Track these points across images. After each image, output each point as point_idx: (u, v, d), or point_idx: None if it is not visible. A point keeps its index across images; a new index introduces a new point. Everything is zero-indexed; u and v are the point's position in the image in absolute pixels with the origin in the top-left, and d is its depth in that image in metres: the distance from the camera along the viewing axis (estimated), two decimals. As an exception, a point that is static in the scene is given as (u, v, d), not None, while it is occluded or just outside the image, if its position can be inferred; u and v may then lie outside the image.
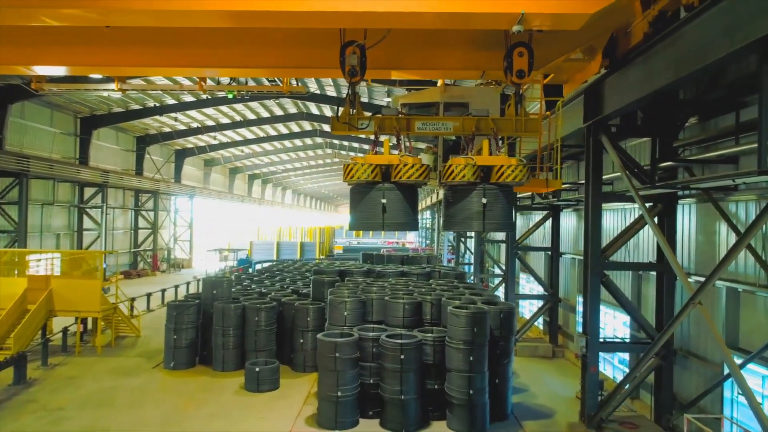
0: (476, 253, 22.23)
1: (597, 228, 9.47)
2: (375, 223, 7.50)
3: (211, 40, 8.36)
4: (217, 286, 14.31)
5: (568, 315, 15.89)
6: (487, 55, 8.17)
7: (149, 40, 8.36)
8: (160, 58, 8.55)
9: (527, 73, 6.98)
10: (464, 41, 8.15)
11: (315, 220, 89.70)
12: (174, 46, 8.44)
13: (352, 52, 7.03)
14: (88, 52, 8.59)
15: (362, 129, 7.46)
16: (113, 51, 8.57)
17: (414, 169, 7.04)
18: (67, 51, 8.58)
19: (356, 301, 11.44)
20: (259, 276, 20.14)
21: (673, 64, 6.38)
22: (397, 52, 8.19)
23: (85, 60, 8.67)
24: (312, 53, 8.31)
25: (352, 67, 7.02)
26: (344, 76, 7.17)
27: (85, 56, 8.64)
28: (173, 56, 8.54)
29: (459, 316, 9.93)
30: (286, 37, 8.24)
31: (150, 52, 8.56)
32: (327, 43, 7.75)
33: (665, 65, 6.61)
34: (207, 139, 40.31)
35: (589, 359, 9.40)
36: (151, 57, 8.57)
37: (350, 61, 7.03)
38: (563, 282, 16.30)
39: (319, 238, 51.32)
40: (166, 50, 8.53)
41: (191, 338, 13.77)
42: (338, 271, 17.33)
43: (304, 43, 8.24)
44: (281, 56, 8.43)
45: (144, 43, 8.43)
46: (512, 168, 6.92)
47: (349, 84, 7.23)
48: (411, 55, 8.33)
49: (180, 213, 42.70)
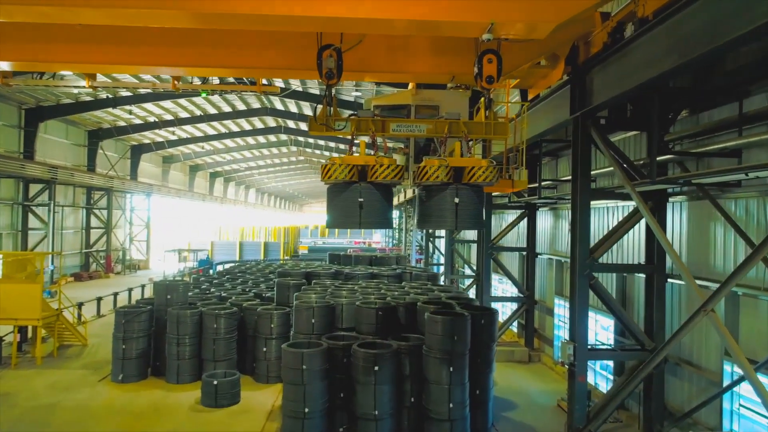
0: (447, 254, 21.55)
1: (585, 227, 8.80)
2: (352, 221, 7.55)
3: (184, 40, 8.38)
4: (172, 290, 13.14)
5: (545, 317, 15.33)
6: (457, 60, 8.45)
7: (119, 38, 8.36)
8: (131, 57, 8.50)
9: (496, 79, 7.17)
10: (435, 47, 8.50)
11: (279, 219, 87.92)
12: (144, 45, 8.45)
13: (329, 55, 7.17)
14: (57, 49, 8.44)
15: (339, 130, 7.59)
16: (83, 48, 8.48)
17: (390, 169, 7.18)
18: (33, 47, 8.40)
19: (324, 306, 10.51)
20: (219, 278, 18.95)
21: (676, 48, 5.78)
22: (371, 56, 8.43)
23: (52, 57, 8.47)
24: (285, 55, 8.49)
25: (329, 70, 7.16)
26: (321, 79, 7.27)
27: (53, 53, 8.47)
28: (144, 54, 8.53)
29: (437, 323, 9.13)
30: (259, 39, 8.39)
31: (119, 50, 8.50)
32: (302, 46, 8.07)
33: (667, 48, 6.02)
34: (165, 135, 38.54)
35: (577, 368, 8.72)
36: (120, 55, 8.52)
37: (327, 64, 7.16)
38: (539, 283, 15.74)
39: (283, 238, 50.01)
40: (138, 48, 8.49)
41: (142, 348, 12.57)
42: (304, 273, 16.35)
43: (278, 44, 8.43)
44: (255, 57, 8.55)
45: (113, 41, 8.40)
46: (483, 169, 7.14)
47: (326, 86, 7.38)
48: (383, 59, 8.58)
49: (136, 212, 40.75)
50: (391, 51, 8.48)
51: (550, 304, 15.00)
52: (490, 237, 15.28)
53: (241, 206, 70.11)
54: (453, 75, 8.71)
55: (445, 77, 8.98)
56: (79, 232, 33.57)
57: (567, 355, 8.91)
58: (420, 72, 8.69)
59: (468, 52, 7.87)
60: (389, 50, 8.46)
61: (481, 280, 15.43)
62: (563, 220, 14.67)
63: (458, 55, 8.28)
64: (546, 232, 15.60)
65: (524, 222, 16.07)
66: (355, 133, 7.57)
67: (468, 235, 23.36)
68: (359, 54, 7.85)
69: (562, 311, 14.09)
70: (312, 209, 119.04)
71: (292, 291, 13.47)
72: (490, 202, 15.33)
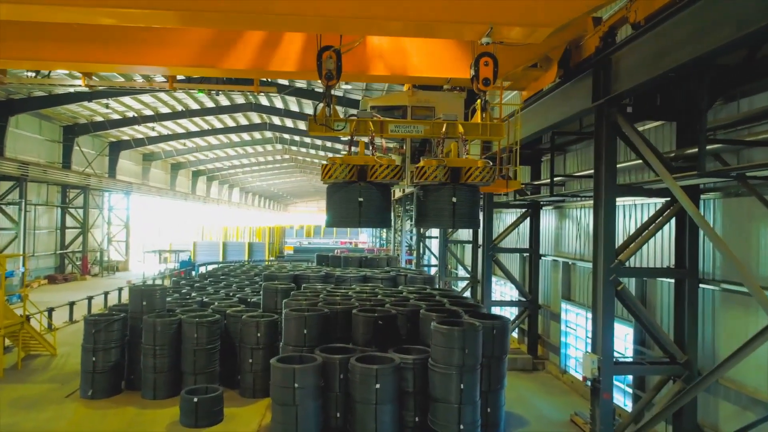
0: (441, 255, 20.61)
1: (611, 227, 7.89)
2: (352, 221, 7.63)
3: (180, 39, 8.52)
4: (148, 295, 11.99)
5: (549, 323, 14.44)
6: (453, 63, 8.83)
7: (114, 37, 8.46)
8: (125, 56, 8.61)
9: (492, 81, 7.28)
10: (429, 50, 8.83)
11: (264, 219, 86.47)
12: (139, 44, 8.53)
13: (328, 57, 7.22)
14: (53, 47, 8.53)
15: (339, 130, 7.59)
16: (77, 46, 8.57)
17: (389, 169, 7.33)
18: (32, 46, 8.50)
19: (317, 315, 9.47)
20: (200, 281, 17.79)
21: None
22: (368, 57, 8.77)
23: (48, 55, 8.57)
24: (281, 54, 8.72)
25: (329, 71, 7.20)
26: (321, 80, 7.30)
27: (51, 51, 8.57)
28: (140, 54, 8.61)
29: (445, 334, 8.16)
30: (254, 39, 8.64)
31: (113, 49, 8.61)
32: (300, 46, 8.49)
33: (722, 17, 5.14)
34: (145, 131, 37.07)
35: (602, 384, 7.81)
36: (115, 54, 8.62)
37: (327, 65, 7.20)
38: (543, 286, 14.84)
39: (268, 238, 48.80)
40: (132, 47, 8.61)
41: (115, 360, 11.42)
42: (292, 277, 15.29)
43: (274, 45, 8.68)
44: (252, 57, 8.76)
45: (108, 40, 8.50)
46: (480, 169, 7.30)
47: (325, 87, 7.38)
48: (380, 61, 8.90)
49: (115, 211, 39.20)
50: (386, 53, 8.85)
51: (555, 308, 14.11)
52: (491, 237, 14.35)
53: (225, 206, 68.58)
54: (449, 77, 9.05)
55: (441, 79, 9.25)
56: (54, 232, 32.03)
57: (590, 370, 7.99)
58: (417, 73, 8.99)
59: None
60: (383, 52, 8.84)
61: (482, 282, 14.47)
62: (569, 220, 13.80)
63: (455, 58, 8.70)
64: (550, 233, 14.72)
65: (526, 222, 15.18)
66: (354, 133, 7.59)
67: (462, 236, 22.46)
68: (356, 55, 8.36)
69: (571, 317, 13.20)
70: (297, 209, 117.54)
71: (280, 296, 12.42)
72: (491, 201, 14.40)
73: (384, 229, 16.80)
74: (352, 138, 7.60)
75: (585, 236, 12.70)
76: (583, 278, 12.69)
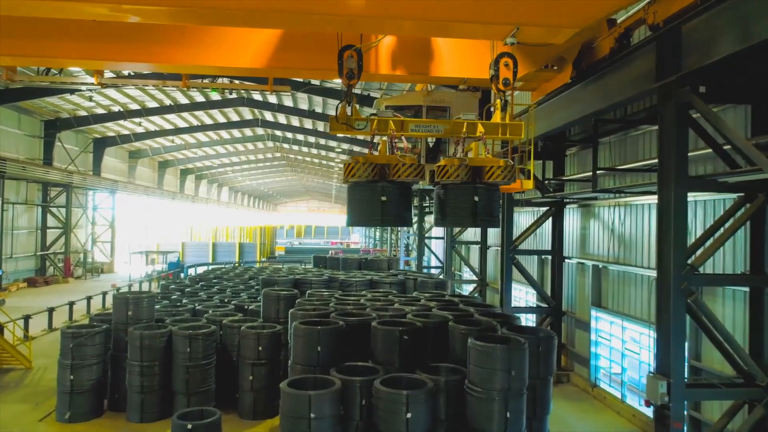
0: (447, 256, 19.41)
1: (681, 228, 6.73)
2: (374, 219, 7.62)
3: (199, 39, 8.53)
4: (134, 304, 10.64)
5: (574, 331, 13.29)
6: (472, 64, 8.82)
7: (130, 35, 8.41)
8: (145, 54, 8.57)
9: (512, 82, 7.37)
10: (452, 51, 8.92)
11: (253, 219, 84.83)
12: (156, 43, 8.50)
13: (349, 56, 7.25)
14: (69, 45, 8.44)
15: (359, 129, 7.58)
16: (89, 44, 8.50)
17: (412, 168, 7.31)
18: (47, 43, 8.40)
19: (332, 330, 8.18)
20: (192, 286, 16.42)
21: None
22: (390, 58, 8.89)
23: (55, 52, 8.46)
24: (299, 55, 8.83)
25: (350, 70, 7.24)
26: (342, 79, 7.31)
27: (57, 48, 8.44)
28: (156, 53, 8.58)
29: (487, 353, 6.94)
30: (271, 39, 8.61)
31: (132, 47, 8.55)
32: (318, 47, 8.54)
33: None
34: (131, 127, 35.49)
35: (672, 411, 6.64)
36: (134, 53, 8.56)
37: (349, 64, 7.25)
38: (567, 292, 13.68)
39: (259, 238, 47.36)
40: (149, 47, 8.58)
41: (96, 378, 10.08)
42: (293, 281, 14.01)
43: (290, 45, 8.69)
44: (268, 57, 8.74)
45: (124, 38, 8.44)
46: (501, 168, 7.29)
47: (346, 86, 7.39)
48: (401, 62, 8.98)
49: (100, 210, 37.54)
50: (408, 54, 8.90)
51: (582, 316, 12.95)
52: (512, 238, 13.15)
53: (214, 205, 66.89)
54: (466, 78, 9.10)
55: (458, 79, 9.34)
56: (34, 232, 30.38)
57: (658, 395, 6.80)
58: (436, 74, 9.04)
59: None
60: (406, 54, 8.90)
61: (501, 287, 13.26)
62: (596, 220, 12.66)
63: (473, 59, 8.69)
64: (575, 233, 13.57)
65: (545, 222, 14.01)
66: (375, 132, 7.56)
67: (468, 236, 21.30)
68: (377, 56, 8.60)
69: (603, 326, 12.04)
70: (287, 209, 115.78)
71: (283, 304, 11.15)
72: (511, 200, 13.21)
73: (406, 227, 16.65)
74: (373, 137, 7.59)
75: (619, 237, 11.55)
76: (618, 283, 11.54)
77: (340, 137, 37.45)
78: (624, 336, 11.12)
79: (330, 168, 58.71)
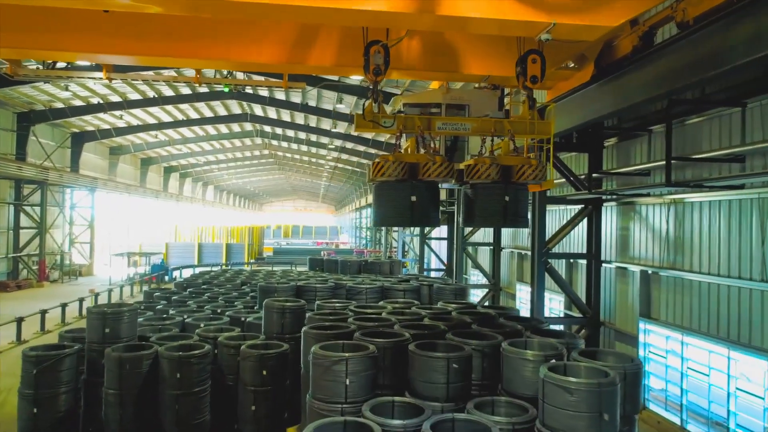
0: (457, 259, 17.89)
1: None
2: (404, 219, 7.71)
3: (224, 34, 8.33)
4: (113, 321, 8.92)
5: (613, 345, 11.81)
6: (495, 62, 8.68)
7: (149, 30, 8.20)
8: (164, 49, 8.37)
9: (540, 79, 7.25)
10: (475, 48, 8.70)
11: (239, 219, 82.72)
12: (175, 39, 8.34)
13: (376, 51, 7.05)
14: (69, 38, 8.19)
15: (386, 128, 7.46)
16: (99, 38, 8.24)
17: (443, 167, 7.19)
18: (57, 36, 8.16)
19: (365, 358, 6.54)
20: (179, 293, 14.69)
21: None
22: (410, 56, 8.64)
23: (59, 45, 8.23)
24: (317, 52, 8.58)
25: (377, 66, 7.06)
26: (367, 75, 7.15)
27: (60, 42, 8.20)
28: (176, 48, 8.40)
29: (572, 391, 5.39)
30: (290, 35, 8.43)
31: (148, 44, 8.36)
32: (340, 43, 8.35)
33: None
34: (112, 121, 33.51)
35: None
36: (151, 47, 8.36)
37: (375, 60, 7.06)
38: (605, 300, 12.20)
39: (247, 238, 45.54)
40: (167, 42, 8.39)
41: (66, 409, 8.39)
42: (294, 288, 12.39)
43: (311, 41, 8.46)
44: (288, 53, 8.55)
45: (143, 33, 8.25)
46: (533, 168, 7.30)
47: (373, 82, 7.19)
48: (422, 59, 8.70)
49: (78, 209, 35.40)
50: (432, 51, 8.64)
51: (625, 327, 11.47)
52: (544, 239, 11.61)
53: (199, 204, 64.72)
54: (488, 75, 8.89)
55: (478, 77, 9.19)
56: (5, 233, 28.27)
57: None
58: (461, 71, 8.86)
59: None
60: (432, 50, 8.64)
61: (533, 295, 11.73)
62: (640, 219, 11.21)
63: (497, 58, 8.54)
64: (612, 234, 12.10)
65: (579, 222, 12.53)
66: (402, 130, 7.50)
67: (477, 237, 19.80)
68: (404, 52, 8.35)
69: (654, 341, 10.57)
70: (273, 208, 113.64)
71: (289, 318, 9.56)
72: (544, 198, 11.70)
73: (434, 227, 16.20)
74: (400, 135, 7.47)
75: (674, 239, 10.11)
76: (674, 292, 10.09)
77: (333, 132, 35.84)
78: (684, 353, 9.67)
79: (320, 166, 57.00)
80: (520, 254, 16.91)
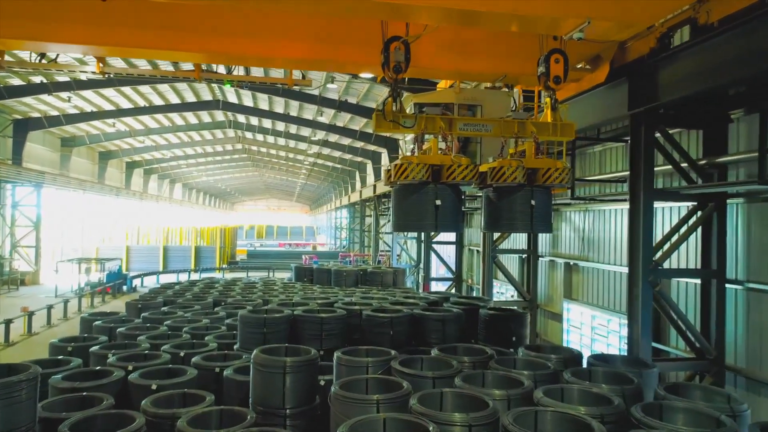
0: (488, 270, 14.43)
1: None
2: (427, 224, 7.46)
3: (232, 29, 7.95)
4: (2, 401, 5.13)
5: (753, 400, 8.39)
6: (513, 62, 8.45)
7: (152, 22, 7.78)
8: (166, 41, 8.02)
9: (563, 79, 7.07)
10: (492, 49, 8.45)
11: (209, 219, 77.98)
12: (184, 30, 7.96)
13: (396, 48, 6.81)
14: (61, 28, 7.73)
15: (407, 127, 7.29)
16: (94, 29, 7.80)
17: (468, 170, 7.15)
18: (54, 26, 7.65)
19: None
20: (129, 320, 10.85)
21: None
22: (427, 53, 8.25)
23: (51, 36, 7.76)
24: (337, 49, 8.34)
25: (397, 63, 6.81)
26: (386, 73, 6.88)
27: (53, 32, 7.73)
28: (182, 40, 8.06)
29: None
30: (308, 31, 8.12)
31: (152, 34, 7.90)
32: (356, 40, 8.02)
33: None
34: (62, 107, 29.04)
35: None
36: (153, 39, 7.98)
37: (396, 57, 6.82)
38: (734, 336, 8.73)
39: (218, 240, 41.41)
40: (172, 33, 7.95)
41: None
42: (289, 320, 8.80)
43: (328, 38, 8.14)
44: (305, 50, 8.33)
45: (147, 25, 7.82)
46: (559, 171, 7.27)
47: (393, 80, 6.95)
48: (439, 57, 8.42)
49: (21, 208, 30.75)
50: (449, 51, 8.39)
51: (766, 375, 8.10)
52: (651, 246, 8.08)
53: (165, 203, 59.96)
54: (504, 75, 8.71)
55: (493, 77, 9.02)
56: (-73, 236, 23.73)
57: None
58: (477, 72, 8.88)
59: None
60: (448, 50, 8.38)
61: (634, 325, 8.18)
62: None
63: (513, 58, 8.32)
64: (739, 243, 8.69)
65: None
66: (424, 131, 7.46)
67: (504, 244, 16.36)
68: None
69: None
70: (245, 207, 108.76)
71: (291, 381, 5.94)
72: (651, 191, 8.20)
73: (457, 231, 15.47)
74: (422, 136, 7.47)
75: None
76: None
77: (315, 124, 32.14)
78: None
79: (297, 162, 53.07)
80: (567, 264, 13.56)
